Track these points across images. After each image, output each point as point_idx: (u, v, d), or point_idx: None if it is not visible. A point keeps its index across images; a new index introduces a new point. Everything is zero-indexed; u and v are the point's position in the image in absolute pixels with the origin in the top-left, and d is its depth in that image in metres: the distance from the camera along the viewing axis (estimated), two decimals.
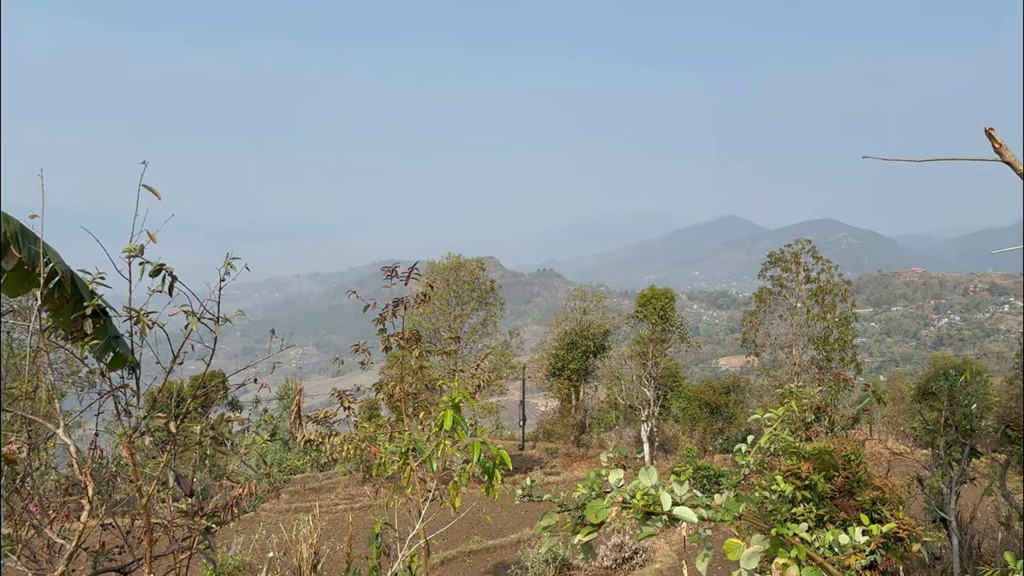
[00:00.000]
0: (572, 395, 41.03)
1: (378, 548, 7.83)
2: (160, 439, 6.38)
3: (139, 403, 6.31)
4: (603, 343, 40.14)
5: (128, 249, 5.81)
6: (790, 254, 35.24)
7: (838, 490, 8.91)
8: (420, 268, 12.14)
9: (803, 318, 34.46)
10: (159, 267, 6.08)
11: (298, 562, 13.85)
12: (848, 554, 3.23)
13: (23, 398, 5.68)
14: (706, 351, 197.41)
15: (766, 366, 36.86)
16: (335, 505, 27.73)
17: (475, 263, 35.49)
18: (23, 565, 6.05)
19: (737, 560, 3.51)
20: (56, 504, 5.99)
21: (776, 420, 3.57)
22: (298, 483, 33.84)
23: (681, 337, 38.46)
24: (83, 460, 5.49)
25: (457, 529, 23.26)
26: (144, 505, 6.08)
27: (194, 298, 6.29)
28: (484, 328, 35.36)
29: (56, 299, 5.72)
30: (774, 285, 35.59)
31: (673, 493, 3.33)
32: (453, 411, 7.51)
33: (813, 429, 13.33)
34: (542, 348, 43.02)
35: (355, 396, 12.77)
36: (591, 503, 4.08)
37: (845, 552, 3.16)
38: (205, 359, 6.63)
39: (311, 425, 13.36)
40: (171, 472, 5.57)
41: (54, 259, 5.61)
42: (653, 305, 37.65)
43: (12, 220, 5.30)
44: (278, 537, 14.52)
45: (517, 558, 18.80)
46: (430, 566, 19.16)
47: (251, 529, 20.12)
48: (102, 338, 6.25)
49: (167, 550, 5.68)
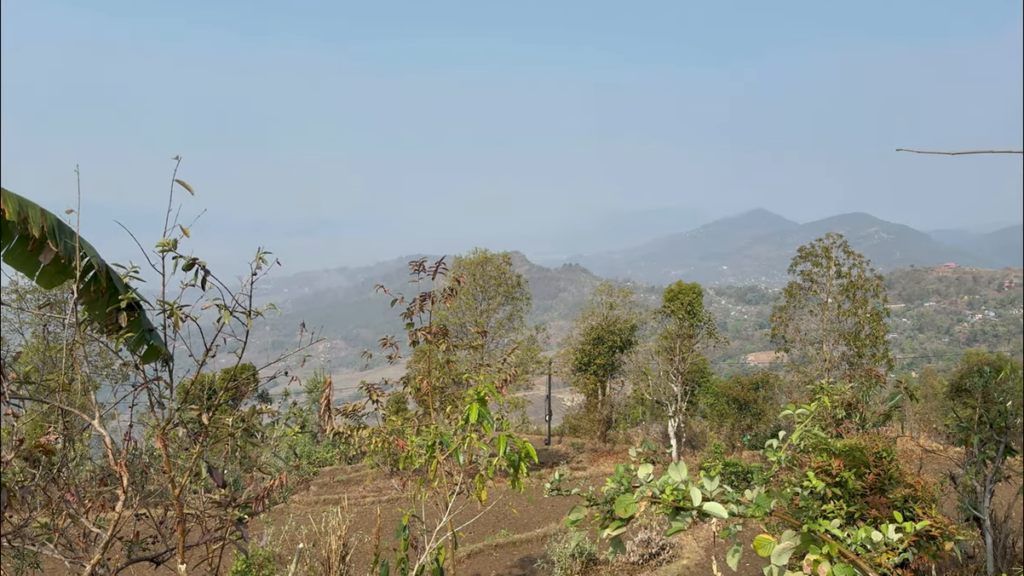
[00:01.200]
0: (598, 390, 40.93)
1: (406, 540, 7.90)
2: (192, 431, 6.49)
3: (172, 395, 6.42)
4: (630, 338, 39.96)
5: (162, 244, 5.90)
6: (821, 248, 34.79)
7: (869, 487, 8.80)
8: (447, 263, 12.20)
9: (834, 313, 34.01)
10: (192, 261, 6.17)
11: (327, 553, 14.00)
12: (880, 552, 3.19)
13: (59, 390, 5.79)
14: (734, 347, 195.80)
15: (796, 362, 36.47)
16: (363, 497, 27.95)
17: (501, 258, 35.52)
18: (60, 554, 6.18)
19: (767, 556, 3.49)
20: (92, 494, 6.11)
21: (808, 416, 3.54)
22: (327, 475, 34.18)
23: (709, 332, 38.16)
24: (118, 451, 5.60)
25: (484, 522, 23.34)
26: (177, 496, 6.19)
27: (226, 292, 6.38)
28: (510, 323, 35.38)
29: (92, 292, 5.83)
30: (804, 280, 35.17)
31: (703, 488, 3.32)
32: (479, 405, 7.55)
33: (844, 426, 13.18)
34: (568, 343, 42.96)
35: (383, 390, 12.88)
36: (620, 497, 4.08)
37: (877, 549, 3.13)
38: (237, 352, 6.74)
39: (340, 418, 13.49)
40: (204, 463, 5.66)
41: (89, 253, 5.72)
42: (680, 300, 37.40)
43: (50, 215, 5.41)
44: (307, 528, 14.67)
45: (543, 552, 18.83)
46: (457, 559, 19.27)
47: (281, 520, 20.36)
48: (136, 331, 6.36)
49: (199, 540, 5.78)
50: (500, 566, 18.95)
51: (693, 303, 37.22)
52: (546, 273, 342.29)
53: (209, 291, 6.49)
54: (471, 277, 34.00)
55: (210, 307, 6.39)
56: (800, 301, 35.41)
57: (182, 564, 6.32)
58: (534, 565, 18.30)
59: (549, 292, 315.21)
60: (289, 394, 50.28)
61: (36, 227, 5.13)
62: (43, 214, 5.30)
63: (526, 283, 36.48)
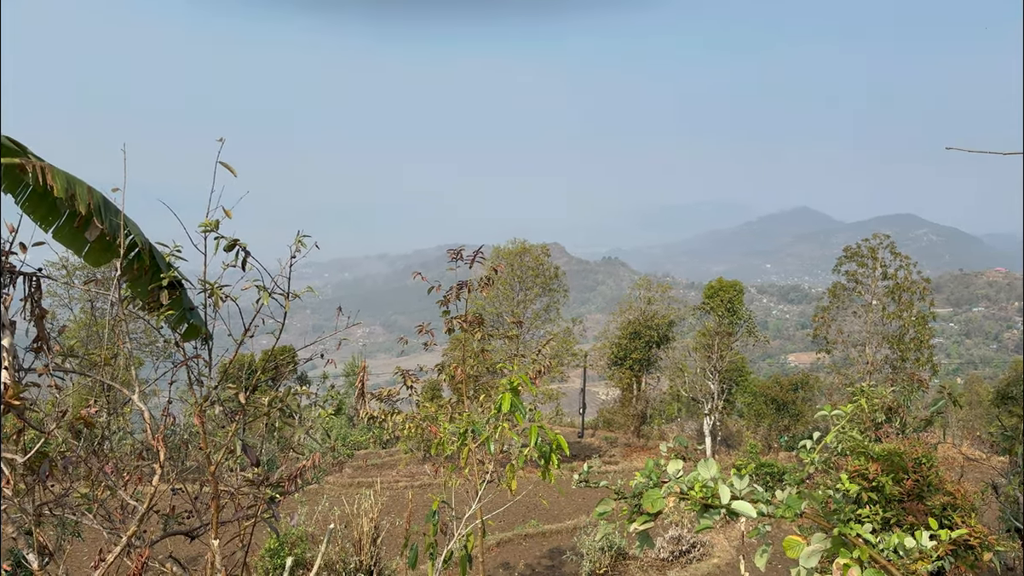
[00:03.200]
0: (633, 385, 40.72)
1: (435, 525, 7.94)
2: (230, 409, 6.59)
3: (211, 373, 6.53)
4: (667, 334, 39.66)
5: (204, 224, 5.99)
6: (867, 249, 34.07)
7: (907, 493, 8.60)
8: (485, 252, 12.22)
9: (878, 315, 33.31)
10: (233, 242, 6.25)
11: (359, 535, 14.18)
12: (914, 559, 3.11)
13: (102, 364, 5.93)
14: (775, 346, 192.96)
15: (837, 364, 35.83)
16: (396, 482, 28.24)
17: (540, 249, 35.46)
18: (99, 524, 6.34)
19: (796, 558, 3.43)
20: (130, 467, 6.25)
21: (845, 417, 3.46)
22: (361, 459, 34.61)
23: (748, 331, 37.69)
24: (156, 426, 5.71)
25: (514, 512, 23.42)
26: (212, 472, 6.30)
27: (266, 274, 6.46)
28: (547, 314, 35.35)
29: (135, 270, 5.95)
30: (849, 280, 34.50)
31: (732, 487, 3.27)
32: (512, 394, 7.55)
33: (884, 430, 12.90)
34: (604, 337, 42.79)
35: (417, 376, 12.97)
36: (648, 492, 4.04)
37: (911, 556, 3.05)
38: (275, 333, 6.82)
39: (374, 403, 13.63)
40: (239, 441, 5.75)
41: (134, 231, 5.83)
42: (720, 297, 36.99)
43: (96, 192, 5.52)
44: (340, 510, 14.87)
45: (572, 544, 18.83)
46: (487, 546, 19.36)
47: (315, 501, 20.67)
48: (177, 309, 6.48)
49: (232, 517, 5.88)
50: (529, 556, 19.00)
51: (733, 300, 36.79)
52: (585, 266, 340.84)
53: (249, 272, 6.58)
54: (509, 267, 34.02)
55: (250, 288, 6.48)
56: (844, 302, 34.77)
57: (215, 539, 6.44)
58: (563, 556, 18.31)
59: (587, 285, 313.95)
60: (327, 377, 50.91)
61: (83, 204, 5.25)
62: (90, 191, 5.41)
63: (563, 275, 36.39)
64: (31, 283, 5.29)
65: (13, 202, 5.74)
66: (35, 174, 5.00)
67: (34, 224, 5.76)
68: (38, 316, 5.27)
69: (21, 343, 5.75)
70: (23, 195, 5.67)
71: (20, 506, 5.28)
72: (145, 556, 5.11)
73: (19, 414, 4.81)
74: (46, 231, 5.85)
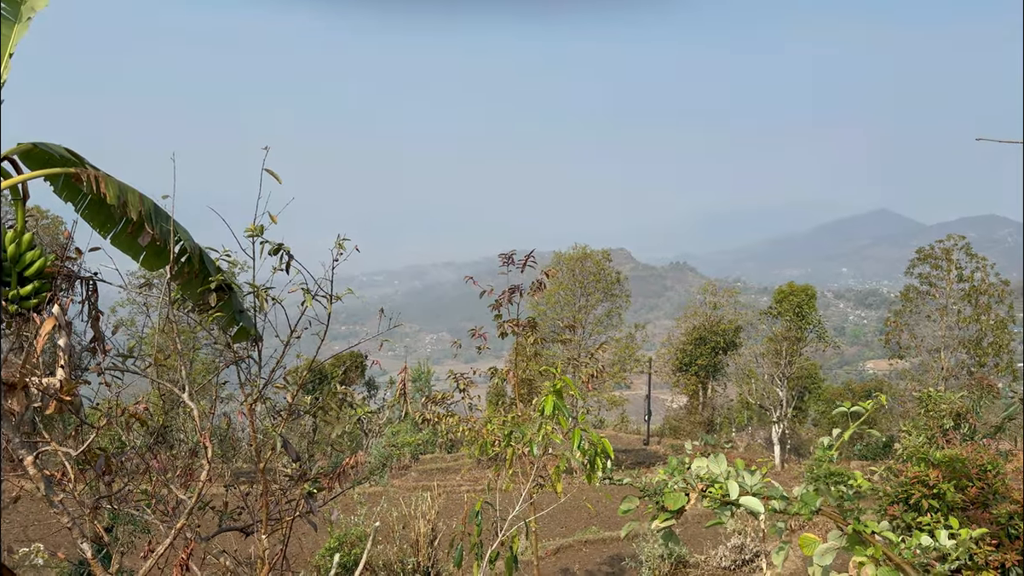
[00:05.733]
0: (700, 392, 40.07)
1: (479, 526, 8.01)
2: (276, 408, 6.81)
3: (260, 373, 6.75)
4: (734, 339, 38.91)
5: (250, 229, 6.21)
6: (941, 250, 32.68)
7: (971, 501, 8.24)
8: (539, 258, 12.26)
9: (953, 320, 31.91)
10: (278, 246, 6.47)
11: (416, 536, 14.39)
12: (930, 557, 2.99)
13: (155, 364, 6.21)
14: (852, 353, 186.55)
15: (915, 370, 34.50)
16: (458, 486, 28.47)
17: (601, 254, 35.25)
18: (156, 519, 6.63)
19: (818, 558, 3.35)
20: (183, 463, 6.52)
21: (865, 415, 3.36)
22: (427, 463, 35.03)
23: (819, 336, 36.66)
24: (204, 424, 5.95)
25: (576, 519, 23.35)
26: (262, 470, 6.51)
27: (323, 280, 6.63)
28: (609, 320, 35.12)
29: (186, 274, 6.21)
30: (922, 283, 33.18)
31: (743, 482, 3.22)
32: (555, 397, 7.56)
33: (950, 436, 12.36)
34: (670, 343, 42.26)
35: (472, 380, 13.09)
36: (669, 491, 4.01)
37: (927, 554, 2.94)
38: (319, 334, 6.99)
39: (430, 405, 13.80)
40: (279, 438, 5.93)
41: (184, 237, 6.08)
42: (790, 301, 36.10)
43: (147, 200, 5.79)
44: (397, 511, 15.10)
45: (633, 551, 18.64)
46: (546, 552, 19.35)
47: (374, 502, 21.03)
48: (227, 312, 6.72)
49: (274, 512, 6.06)
50: (589, 562, 18.90)
51: (803, 305, 35.86)
52: (652, 271, 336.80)
53: (299, 276, 6.78)
54: (570, 273, 33.96)
55: (296, 291, 6.68)
56: (917, 306, 33.44)
57: (264, 536, 6.65)
58: (622, 563, 18.14)
59: (654, 291, 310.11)
60: (394, 382, 51.67)
61: (135, 211, 5.51)
62: (141, 199, 5.68)
63: (626, 280, 36.10)
64: (88, 287, 5.58)
65: (73, 210, 6.07)
66: (89, 183, 5.28)
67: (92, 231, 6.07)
68: (94, 318, 5.55)
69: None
70: (82, 204, 5.99)
71: (78, 499, 5.58)
72: (191, 547, 5.32)
73: (74, 411, 5.09)
74: (104, 237, 6.16)
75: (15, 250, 5.05)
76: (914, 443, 9.38)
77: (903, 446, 10.24)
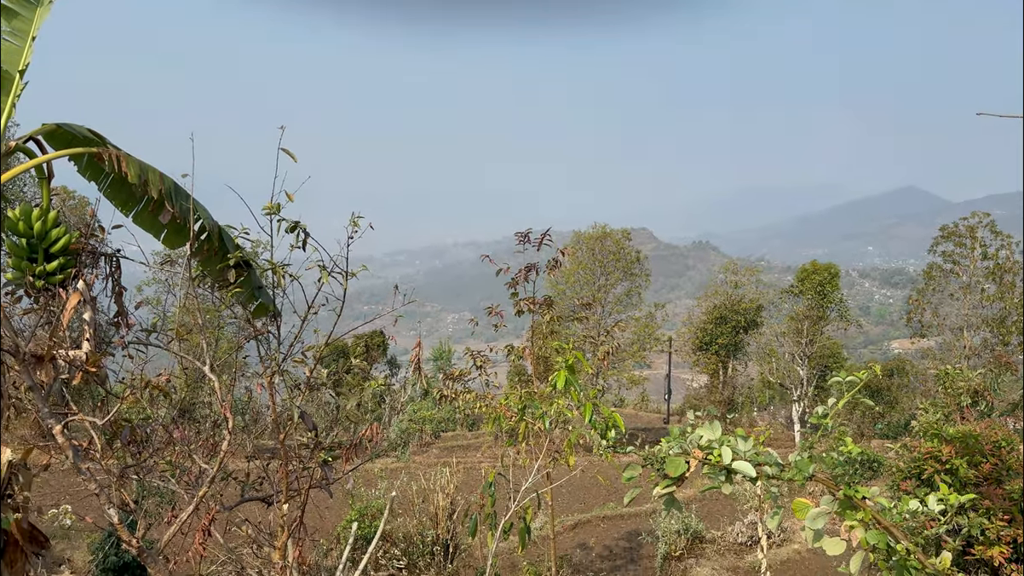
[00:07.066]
0: (720, 371, 40.01)
1: (492, 497, 8.19)
2: (295, 382, 7.00)
3: (279, 348, 6.93)
4: (755, 319, 38.72)
5: (267, 207, 6.36)
6: (965, 228, 32.21)
7: (984, 477, 8.26)
8: (555, 237, 12.35)
9: (977, 298, 31.49)
10: (294, 224, 6.62)
11: (435, 509, 14.66)
12: (921, 521, 3.08)
13: (181, 338, 6.41)
14: (877, 333, 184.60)
15: (938, 349, 34.18)
16: (479, 463, 28.78)
17: (620, 233, 35.15)
18: (181, 488, 6.87)
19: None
20: (205, 435, 6.75)
21: (859, 384, 3.45)
22: (449, 440, 35.43)
23: (840, 315, 36.39)
24: (225, 397, 6.14)
25: (595, 495, 23.58)
26: (282, 440, 6.71)
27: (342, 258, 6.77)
28: (628, 299, 35.08)
29: (205, 251, 6.38)
30: (946, 261, 32.76)
31: (736, 449, 3.32)
32: (567, 372, 7.67)
33: (965, 413, 12.31)
34: (690, 322, 42.17)
35: (489, 358, 13.27)
36: (670, 458, 4.13)
37: (917, 519, 3.03)
38: (336, 311, 7.16)
39: (448, 382, 14.00)
40: (296, 409, 6.12)
41: (203, 215, 6.24)
42: (812, 280, 35.84)
43: (167, 178, 5.95)
44: (417, 485, 15.37)
45: (650, 527, 18.83)
46: (564, 527, 19.61)
47: (395, 476, 21.37)
48: (246, 288, 6.90)
49: (293, 483, 6.26)
50: (607, 537, 19.12)
51: (824, 284, 35.59)
52: (674, 250, 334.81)
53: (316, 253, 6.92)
54: (589, 252, 33.94)
55: (313, 268, 6.84)
56: (940, 284, 33.04)
57: (284, 504, 6.86)
58: (639, 538, 18.33)
59: (676, 270, 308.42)
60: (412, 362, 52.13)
61: (155, 189, 5.68)
62: (162, 178, 5.84)
63: (645, 259, 36.00)
64: (111, 263, 5.77)
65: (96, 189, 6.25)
66: (111, 162, 5.44)
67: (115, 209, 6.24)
68: (117, 293, 5.74)
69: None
70: (105, 183, 6.17)
71: (105, 468, 5.80)
72: (212, 513, 5.53)
73: (99, 382, 5.29)
74: (126, 215, 6.34)
75: (41, 227, 5.24)
76: (929, 420, 9.40)
77: (919, 423, 10.26)
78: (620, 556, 17.82)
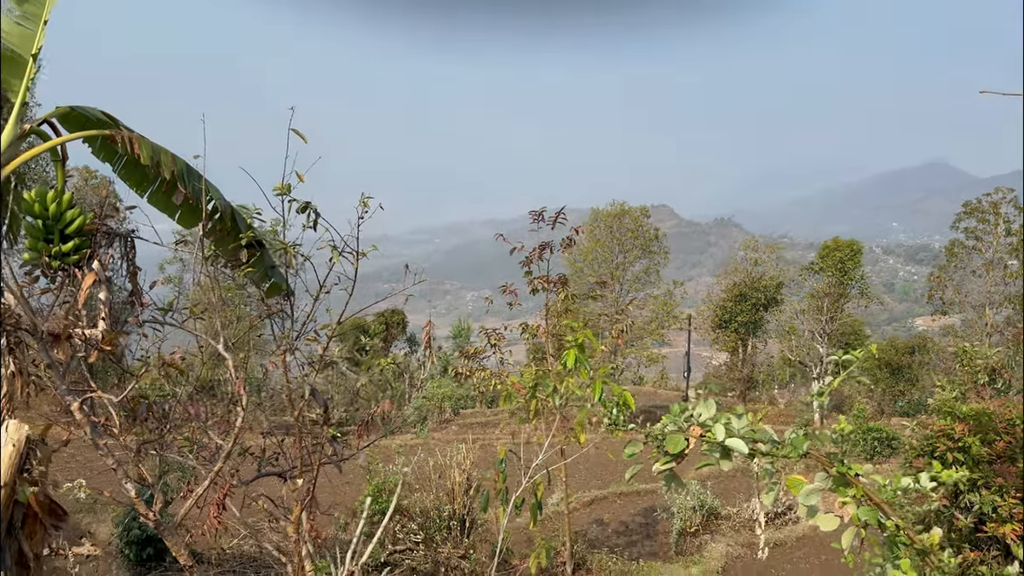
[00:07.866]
0: (740, 348, 39.85)
1: (503, 473, 8.29)
2: (308, 359, 7.11)
3: (292, 326, 7.04)
4: (775, 296, 38.46)
5: (278, 188, 6.43)
6: (988, 203, 31.70)
7: (997, 455, 8.23)
8: (570, 214, 12.34)
9: (1000, 275, 31.05)
10: (305, 205, 6.69)
11: (451, 485, 14.83)
12: (912, 498, 3.10)
13: (195, 316, 6.53)
14: (901, 309, 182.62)
15: (960, 327, 33.83)
16: (496, 440, 29.01)
17: (639, 211, 34.98)
18: (198, 463, 7.02)
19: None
20: (222, 412, 6.90)
21: (855, 362, 3.46)
22: (468, 417, 35.70)
23: (861, 292, 36.05)
24: (240, 374, 6.27)
25: (611, 472, 23.68)
26: (296, 417, 6.85)
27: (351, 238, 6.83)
28: (647, 277, 34.96)
29: (218, 231, 6.47)
30: (968, 238, 32.29)
31: (729, 425, 3.36)
32: (576, 351, 7.73)
33: (981, 391, 12.22)
34: (709, 299, 41.98)
35: (503, 335, 13.35)
36: (670, 435, 4.18)
37: (908, 496, 3.06)
38: (347, 289, 7.24)
39: (464, 360, 14.12)
40: (307, 387, 6.22)
41: (215, 195, 6.33)
42: (833, 257, 35.50)
43: (180, 160, 6.04)
44: (434, 461, 15.53)
45: (665, 504, 18.92)
46: (581, 503, 19.77)
47: (412, 452, 21.63)
48: (259, 268, 7.00)
49: (307, 458, 6.38)
50: (623, 513, 19.25)
51: (845, 261, 35.23)
52: (695, 227, 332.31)
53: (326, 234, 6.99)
54: (607, 230, 33.82)
55: (325, 248, 6.92)
56: (963, 260, 32.59)
57: (299, 479, 7.01)
58: (655, 515, 18.44)
59: (698, 247, 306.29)
60: (434, 339, 52.42)
61: (167, 170, 5.76)
62: (174, 159, 5.92)
63: (664, 237, 35.81)
64: (125, 243, 5.88)
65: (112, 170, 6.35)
66: (124, 144, 5.53)
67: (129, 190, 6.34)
68: (132, 273, 5.85)
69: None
70: (119, 164, 6.26)
71: (123, 444, 5.96)
72: (227, 487, 5.67)
73: (116, 360, 5.42)
74: (141, 196, 6.44)
75: (56, 209, 5.35)
76: (944, 397, 9.35)
77: (935, 400, 10.21)
78: (635, 532, 17.95)
